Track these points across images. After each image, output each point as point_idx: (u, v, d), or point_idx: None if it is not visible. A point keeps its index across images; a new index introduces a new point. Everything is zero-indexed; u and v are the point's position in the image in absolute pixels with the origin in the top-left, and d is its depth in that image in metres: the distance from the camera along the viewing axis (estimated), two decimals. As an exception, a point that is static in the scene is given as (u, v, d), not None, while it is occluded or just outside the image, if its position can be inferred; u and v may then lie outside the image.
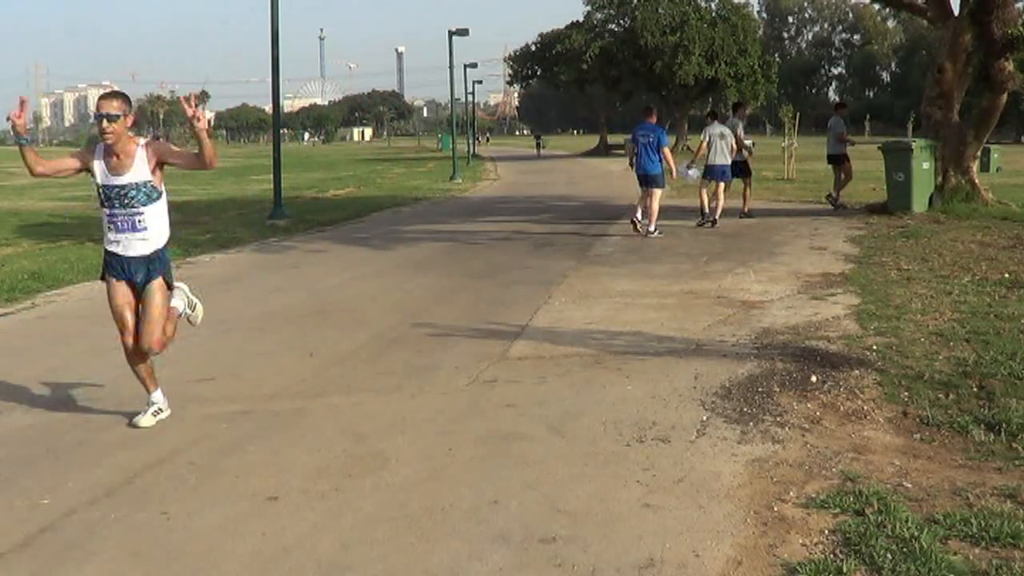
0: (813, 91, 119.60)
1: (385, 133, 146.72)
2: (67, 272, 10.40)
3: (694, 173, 14.05)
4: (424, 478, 4.04)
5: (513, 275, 9.77)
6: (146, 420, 4.86)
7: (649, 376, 5.54)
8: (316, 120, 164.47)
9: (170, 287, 5.00)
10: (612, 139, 59.01)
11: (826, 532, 3.36)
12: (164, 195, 5.06)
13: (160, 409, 4.94)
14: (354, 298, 8.65)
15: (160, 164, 4.90)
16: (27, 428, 4.92)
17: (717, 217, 13.68)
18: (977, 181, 14.88)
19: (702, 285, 8.73)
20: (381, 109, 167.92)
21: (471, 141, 52.63)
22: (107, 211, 4.84)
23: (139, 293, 4.85)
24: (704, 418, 4.73)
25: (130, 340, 4.81)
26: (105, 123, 4.61)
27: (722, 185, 13.93)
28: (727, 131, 14.04)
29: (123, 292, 4.82)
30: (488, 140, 72.38)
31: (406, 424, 4.81)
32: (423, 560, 3.26)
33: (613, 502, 3.71)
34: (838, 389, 5.11)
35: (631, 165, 13.42)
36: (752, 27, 55.49)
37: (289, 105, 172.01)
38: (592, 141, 59.14)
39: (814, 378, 5.31)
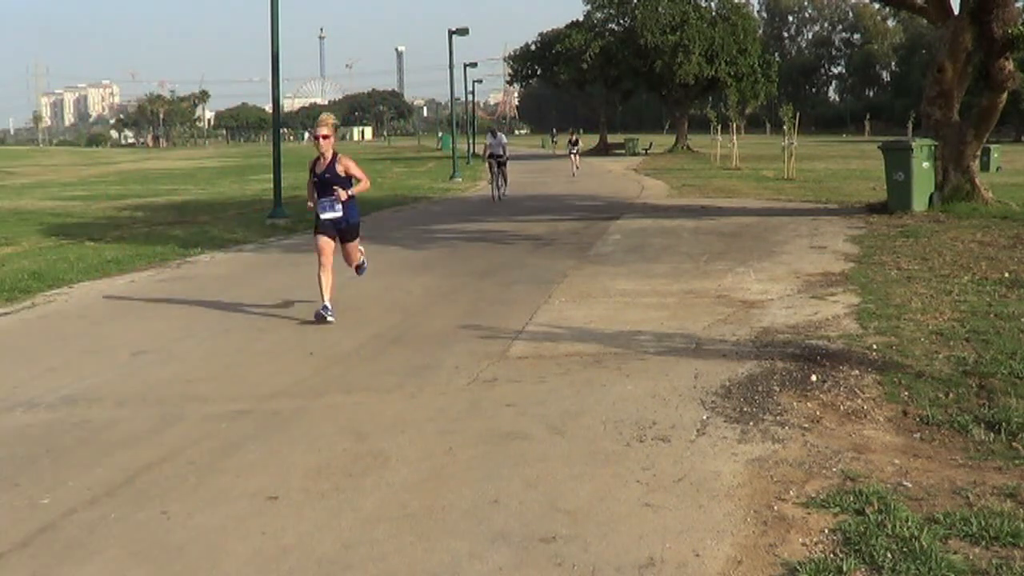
0: (813, 90, 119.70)
1: (385, 132, 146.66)
2: (67, 272, 10.41)
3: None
4: (424, 477, 4.04)
5: (513, 274, 9.77)
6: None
7: (649, 375, 5.54)
8: (316, 119, 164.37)
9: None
10: (612, 138, 59.03)
11: (826, 531, 3.36)
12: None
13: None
14: (354, 297, 8.64)
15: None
16: (27, 428, 4.92)
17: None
18: (977, 180, 14.88)
19: (702, 284, 8.73)
20: (381, 108, 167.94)
21: (471, 141, 52.60)
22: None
23: None
24: (704, 417, 4.73)
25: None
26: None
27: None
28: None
29: None
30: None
31: (406, 423, 4.81)
32: (423, 559, 3.26)
33: (613, 501, 3.71)
34: (838, 388, 5.11)
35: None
36: (752, 26, 55.47)
37: (289, 104, 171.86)
38: (592, 140, 59.12)
39: (814, 377, 5.31)
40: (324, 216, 7.58)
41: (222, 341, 6.92)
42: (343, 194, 7.51)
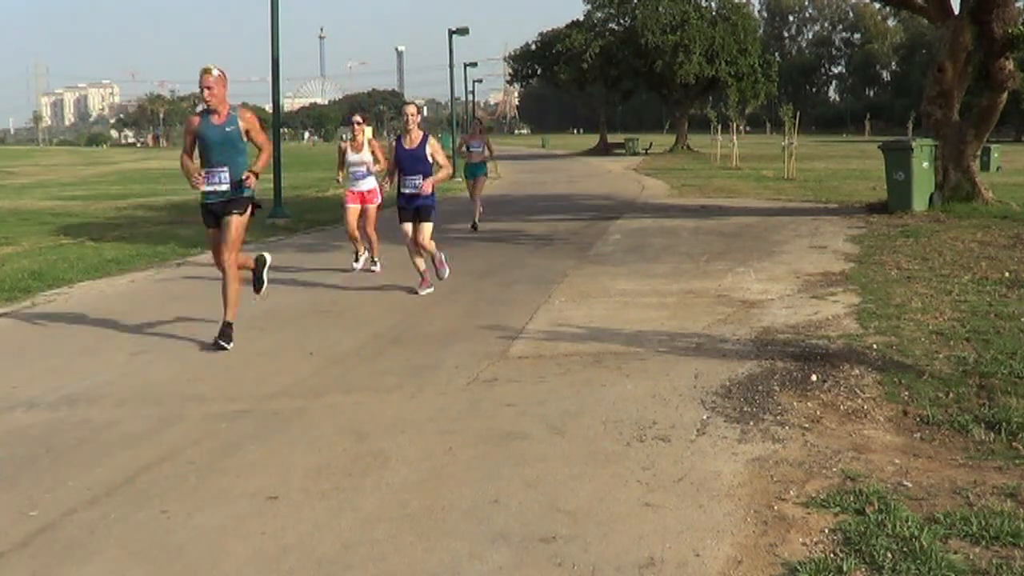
0: (813, 90, 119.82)
1: (385, 132, 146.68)
2: (67, 271, 10.40)
3: None
4: (424, 477, 4.04)
5: (513, 274, 9.77)
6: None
7: (649, 375, 5.54)
8: (316, 119, 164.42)
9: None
10: (612, 138, 59.08)
11: (826, 531, 3.36)
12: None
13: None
14: (354, 297, 8.65)
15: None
16: (27, 428, 4.91)
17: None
18: (977, 180, 14.88)
19: (702, 284, 8.73)
20: (381, 108, 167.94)
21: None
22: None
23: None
24: (704, 417, 4.73)
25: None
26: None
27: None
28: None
29: None
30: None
31: (406, 423, 4.81)
32: (423, 559, 3.26)
33: (613, 501, 3.71)
34: (838, 388, 5.11)
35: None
36: (752, 26, 55.47)
37: (289, 104, 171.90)
38: (592, 140, 59.14)
39: (814, 377, 5.31)
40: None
41: (222, 341, 6.91)
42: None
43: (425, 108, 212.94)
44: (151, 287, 9.68)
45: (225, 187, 6.48)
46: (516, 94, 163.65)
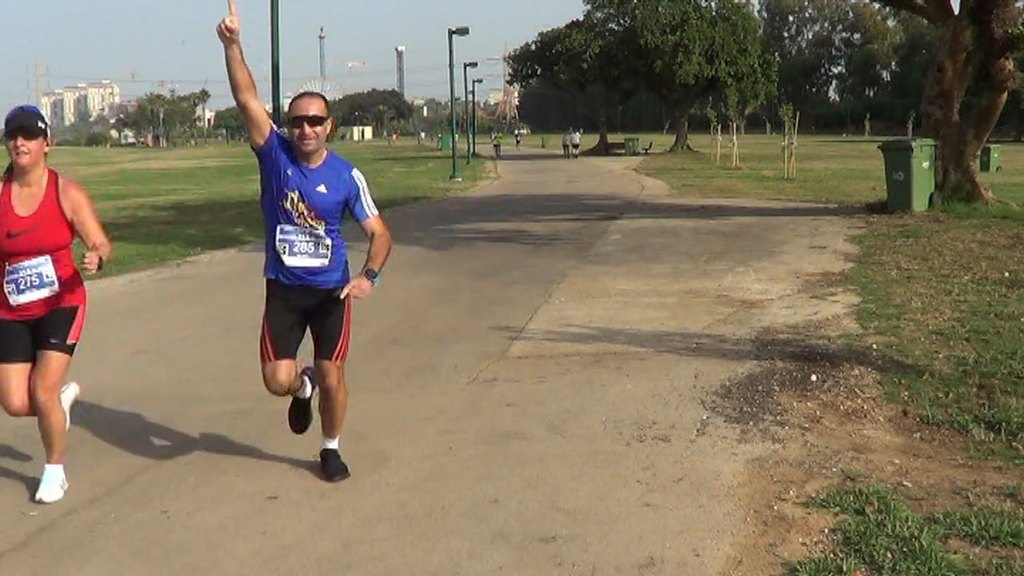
0: (813, 90, 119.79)
1: (385, 132, 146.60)
2: (67, 271, 10.40)
3: None
4: (424, 477, 4.04)
5: (513, 274, 9.77)
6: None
7: (649, 375, 5.54)
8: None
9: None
10: (612, 138, 59.05)
11: (826, 531, 3.36)
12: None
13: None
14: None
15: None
16: (27, 428, 4.91)
17: None
18: (977, 180, 14.88)
19: (702, 284, 8.73)
20: (381, 108, 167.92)
21: (474, 139, 52.57)
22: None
23: None
24: (704, 417, 4.73)
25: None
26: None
27: None
28: None
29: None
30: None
31: (406, 423, 4.81)
32: (423, 559, 3.26)
33: (613, 501, 3.71)
34: (838, 388, 5.11)
35: None
36: (752, 26, 55.50)
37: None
38: (592, 140, 59.16)
39: (814, 377, 5.31)
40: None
41: (222, 341, 6.91)
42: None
43: (425, 108, 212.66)
44: (151, 287, 9.68)
45: None
46: (516, 94, 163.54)
